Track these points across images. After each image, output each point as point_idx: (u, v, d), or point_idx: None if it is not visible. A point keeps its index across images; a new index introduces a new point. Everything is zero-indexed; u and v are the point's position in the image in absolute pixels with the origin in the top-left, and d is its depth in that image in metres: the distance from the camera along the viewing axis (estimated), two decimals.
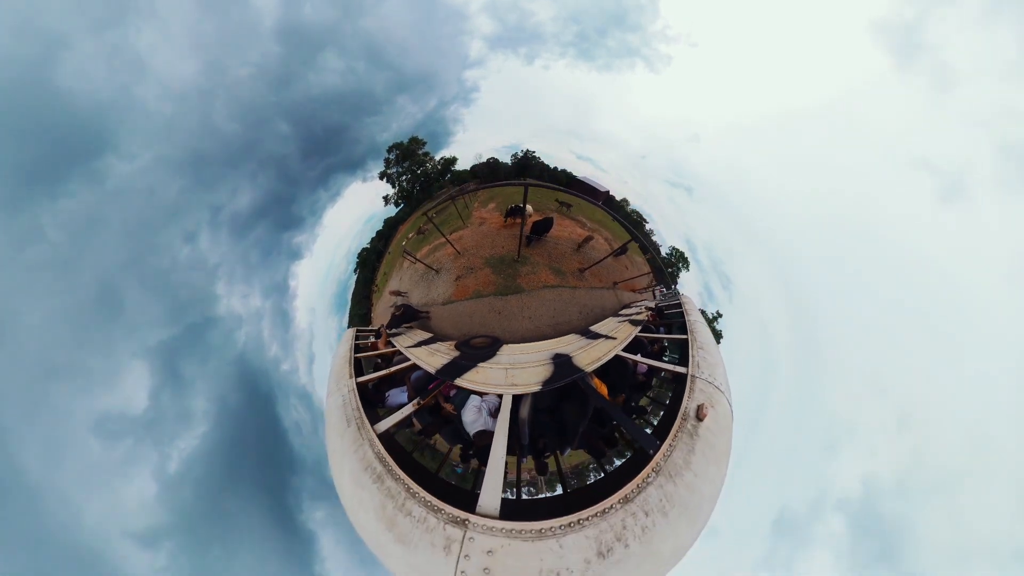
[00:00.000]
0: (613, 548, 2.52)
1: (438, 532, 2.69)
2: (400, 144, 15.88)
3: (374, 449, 3.80)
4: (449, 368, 5.62)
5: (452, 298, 8.08)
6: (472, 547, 2.51)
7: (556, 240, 9.59)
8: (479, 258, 8.62)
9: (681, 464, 3.00)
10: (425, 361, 5.96)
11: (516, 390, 4.56)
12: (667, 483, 2.87)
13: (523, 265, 8.40)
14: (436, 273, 8.93)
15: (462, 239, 9.34)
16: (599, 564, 2.45)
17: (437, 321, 8.05)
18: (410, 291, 9.96)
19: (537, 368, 5.29)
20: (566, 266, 9.04)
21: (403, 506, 3.03)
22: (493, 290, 7.75)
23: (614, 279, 10.97)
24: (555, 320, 7.29)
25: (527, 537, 2.51)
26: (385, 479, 3.37)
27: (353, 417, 4.44)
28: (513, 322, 7.09)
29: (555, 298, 7.86)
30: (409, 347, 6.85)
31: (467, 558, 2.49)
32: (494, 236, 9.60)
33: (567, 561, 2.45)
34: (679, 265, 18.89)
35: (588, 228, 12.19)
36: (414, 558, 2.73)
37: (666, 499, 2.79)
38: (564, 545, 2.49)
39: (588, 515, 2.63)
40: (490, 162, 17.98)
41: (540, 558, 2.44)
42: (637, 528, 2.62)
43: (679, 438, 3.18)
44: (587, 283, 9.03)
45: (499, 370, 5.38)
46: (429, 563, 2.64)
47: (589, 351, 5.74)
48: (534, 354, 6.04)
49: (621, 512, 2.66)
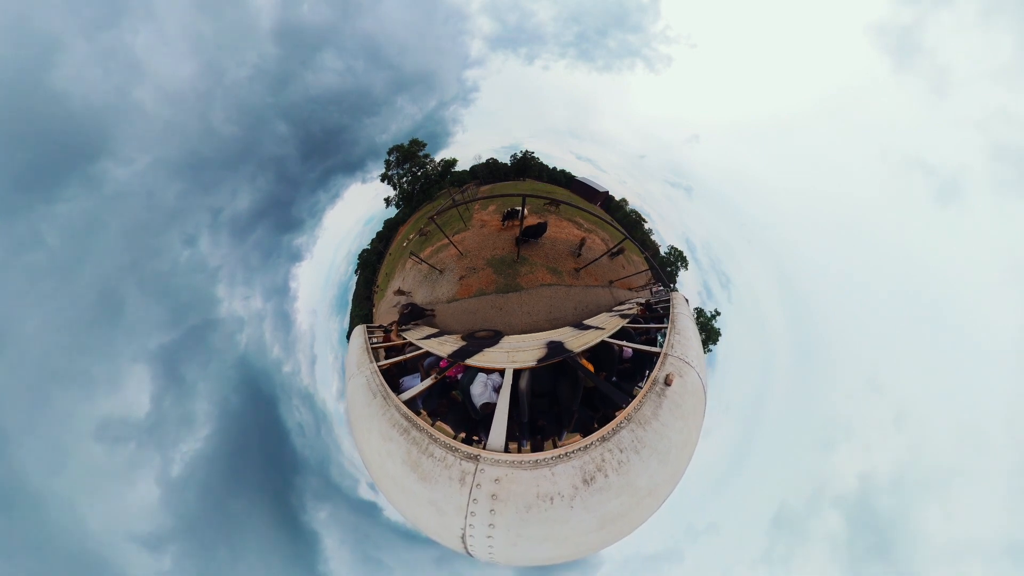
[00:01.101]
0: (595, 477, 3.09)
1: (455, 467, 3.26)
2: (400, 146, 16.18)
3: (400, 411, 4.31)
4: (459, 352, 6.20)
5: (456, 296, 8.53)
6: (483, 477, 3.09)
7: (553, 241, 9.98)
8: (481, 259, 9.02)
9: (649, 415, 3.61)
10: (437, 349, 6.52)
11: (516, 365, 5.13)
12: (637, 428, 3.47)
13: (522, 265, 8.81)
14: (440, 273, 9.33)
15: (464, 241, 9.72)
16: (585, 490, 3.01)
17: (442, 318, 8.52)
18: (414, 290, 10.32)
19: (534, 351, 5.94)
20: (563, 266, 9.44)
21: (427, 449, 3.59)
22: (494, 289, 8.20)
23: (610, 278, 11.35)
24: (551, 315, 7.76)
25: (526, 467, 3.08)
26: (411, 431, 3.94)
27: (378, 391, 4.92)
28: (513, 317, 7.60)
29: (552, 295, 8.31)
30: (420, 339, 7.36)
31: (479, 486, 3.05)
32: (495, 238, 9.98)
33: (559, 486, 3.00)
34: (678, 264, 19.18)
35: (584, 229, 12.54)
36: (435, 493, 3.26)
37: (637, 441, 3.38)
38: (556, 473, 3.04)
39: (574, 449, 3.22)
40: (489, 163, 18.31)
41: (537, 484, 2.99)
42: (614, 462, 3.19)
43: (648, 397, 3.80)
44: (582, 282, 9.44)
45: (501, 352, 6.11)
46: (447, 494, 3.17)
47: (580, 338, 6.41)
48: (531, 341, 6.70)
49: (600, 448, 3.24)
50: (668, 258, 18.52)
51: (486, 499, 2.99)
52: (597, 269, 10.61)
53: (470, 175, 17.24)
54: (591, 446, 3.22)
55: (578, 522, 2.98)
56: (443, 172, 15.92)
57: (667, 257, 18.38)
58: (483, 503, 2.99)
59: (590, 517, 3.00)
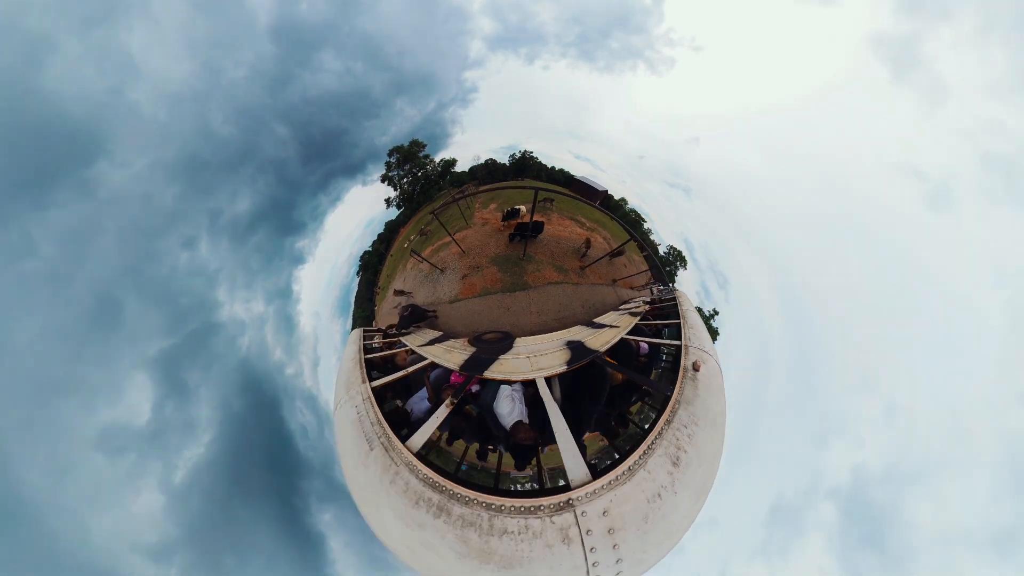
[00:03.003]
0: (679, 456, 3.16)
1: (549, 530, 2.58)
2: (401, 147, 15.83)
3: (418, 475, 3.03)
4: (472, 363, 5.35)
5: (459, 296, 8.03)
6: (588, 520, 2.62)
7: (557, 240, 9.67)
8: (485, 257, 8.61)
9: (691, 396, 3.87)
10: (443, 358, 5.63)
11: (544, 373, 4.51)
12: (688, 407, 3.71)
13: (528, 263, 8.42)
14: (441, 272, 8.89)
15: (466, 239, 9.34)
16: (677, 471, 3.04)
17: (445, 319, 8.00)
18: (414, 291, 9.94)
19: (556, 353, 5.34)
20: (568, 264, 9.11)
21: (492, 528, 2.66)
22: (500, 287, 7.75)
23: (613, 277, 11.07)
24: (560, 314, 7.36)
25: (624, 480, 2.84)
26: (452, 508, 2.78)
27: (375, 436, 3.63)
28: (522, 317, 7.13)
29: (559, 294, 7.92)
30: (422, 346, 6.60)
31: (589, 533, 2.59)
32: (497, 236, 9.61)
33: (659, 480, 2.93)
34: (677, 264, 19.00)
35: (587, 228, 12.25)
36: (536, 571, 2.57)
37: (691, 416, 3.60)
38: (651, 469, 2.96)
39: (651, 440, 3.18)
40: (488, 163, 18.00)
41: (641, 489, 2.82)
42: (684, 437, 3.34)
43: (685, 382, 4.07)
44: (588, 280, 9.11)
45: (522, 359, 5.32)
46: (555, 564, 2.53)
47: (597, 337, 5.97)
48: (548, 343, 6.09)
49: (670, 430, 3.35)
50: (667, 258, 18.36)
51: (604, 537, 2.57)
52: (600, 268, 10.32)
53: (469, 176, 16.92)
54: (665, 430, 3.29)
55: (684, 504, 3.01)
56: (443, 172, 15.59)
57: (666, 257, 18.21)
58: (603, 544, 2.57)
59: (689, 494, 3.06)
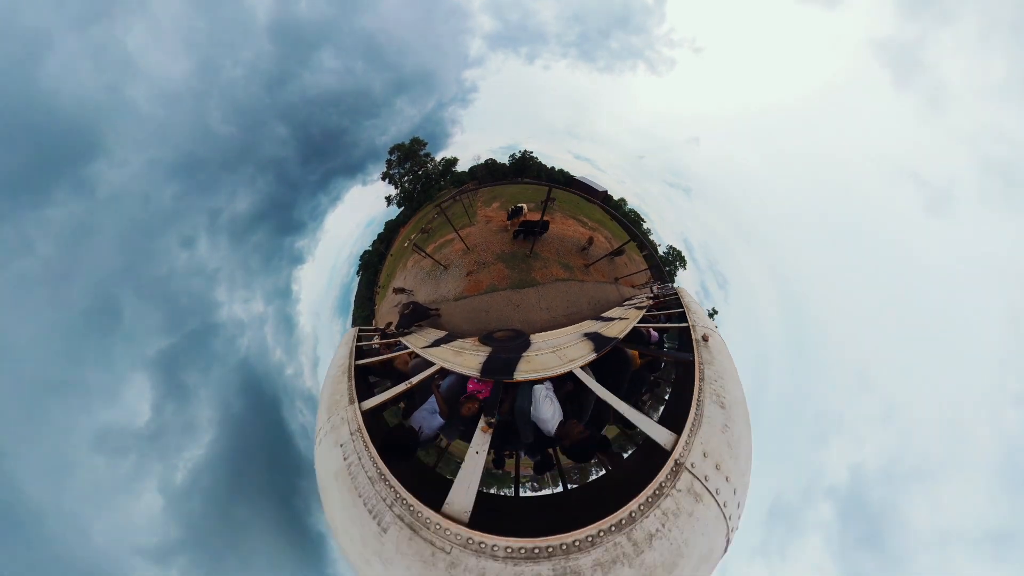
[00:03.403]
0: (723, 400, 3.45)
1: (681, 500, 2.45)
2: (402, 145, 15.65)
3: (496, 551, 1.95)
4: (495, 365, 4.70)
5: (464, 293, 7.77)
6: (699, 468, 2.70)
7: (561, 238, 9.53)
8: (490, 253, 8.42)
9: (708, 359, 4.26)
10: (454, 362, 4.86)
11: (576, 364, 4.27)
12: (710, 366, 4.07)
13: (535, 260, 8.25)
14: (444, 269, 8.67)
15: (470, 236, 9.16)
16: (726, 411, 3.34)
17: (449, 317, 7.73)
18: (415, 289, 9.74)
19: (579, 344, 5.09)
20: (573, 261, 8.97)
21: (635, 540, 2.18)
22: (508, 284, 7.53)
23: (615, 275, 10.96)
24: (569, 310, 7.19)
25: (698, 424, 3.08)
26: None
27: (384, 505, 2.29)
28: (532, 314, 6.91)
29: (567, 290, 7.75)
30: (425, 347, 5.86)
31: (707, 479, 2.65)
32: (502, 234, 9.45)
33: (718, 418, 3.21)
34: (676, 264, 18.93)
35: (588, 227, 12.14)
36: (695, 549, 2.31)
37: (716, 373, 3.97)
38: (709, 413, 3.24)
39: (698, 393, 3.44)
40: (488, 163, 17.84)
41: (714, 426, 3.08)
42: (719, 388, 3.65)
43: (699, 350, 4.46)
44: (593, 278, 8.98)
45: (548, 354, 4.92)
46: (704, 530, 2.38)
47: (611, 327, 5.83)
48: (565, 336, 5.82)
49: (706, 384, 3.66)
50: (667, 257, 18.29)
51: (716, 474, 2.74)
52: (602, 267, 10.21)
53: (469, 175, 16.77)
54: (702, 385, 3.61)
55: (743, 432, 3.29)
56: (444, 171, 15.41)
57: (665, 256, 18.14)
58: (718, 481, 2.73)
59: (742, 425, 3.38)
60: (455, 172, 16.00)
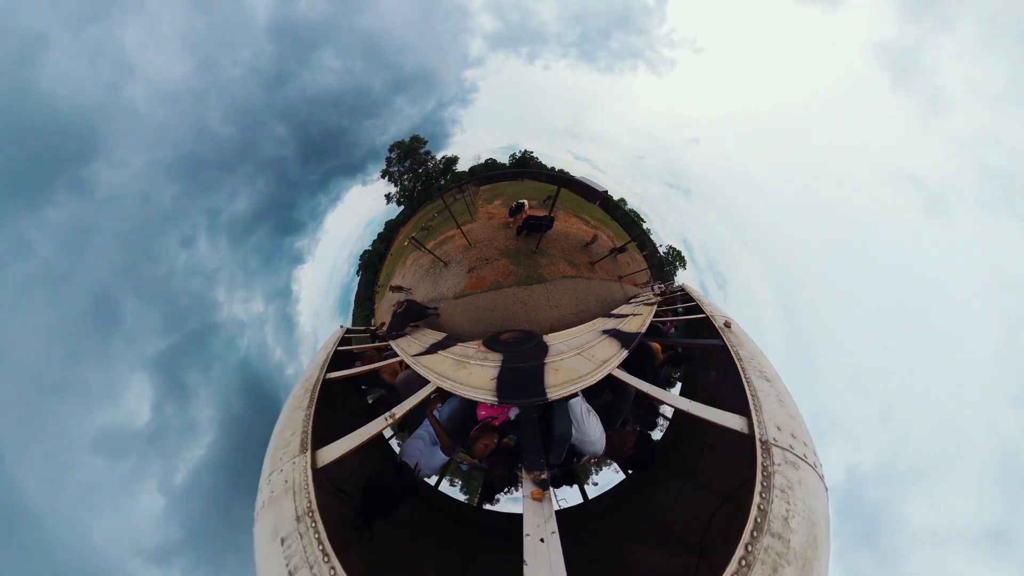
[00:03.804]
0: (766, 375, 3.40)
1: (787, 472, 2.39)
2: (401, 143, 15.34)
3: None
4: (515, 381, 3.67)
5: (466, 291, 7.23)
6: (779, 439, 2.72)
7: (566, 235, 9.19)
8: (494, 249, 8.01)
9: (737, 342, 4.19)
10: (454, 379, 3.69)
11: (613, 364, 3.70)
12: (741, 348, 3.99)
13: (542, 256, 7.87)
14: (444, 266, 8.23)
15: (472, 232, 8.78)
16: (772, 384, 3.32)
17: (449, 317, 7.19)
18: (414, 287, 9.37)
19: (605, 342, 4.54)
20: (579, 259, 8.62)
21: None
22: (514, 280, 7.02)
23: (618, 273, 10.67)
24: (577, 308, 6.76)
25: (757, 400, 3.03)
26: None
27: None
28: (540, 312, 6.44)
29: (575, 287, 7.33)
30: (418, 355, 4.85)
31: (791, 447, 2.65)
32: (504, 230, 9.09)
33: (767, 391, 3.17)
34: (676, 264, 18.73)
35: (591, 225, 11.87)
36: (806, 505, 2.27)
37: (750, 353, 3.88)
38: (758, 386, 3.21)
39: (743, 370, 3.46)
40: (488, 163, 17.57)
41: (769, 399, 3.07)
42: (757, 364, 3.57)
43: (726, 335, 4.40)
44: (598, 275, 8.63)
45: (574, 357, 4.17)
46: (807, 496, 2.30)
47: (629, 323, 5.42)
48: (583, 335, 5.25)
49: (744, 363, 3.58)
50: (666, 258, 18.15)
51: (791, 440, 2.70)
52: (605, 265, 9.91)
53: (469, 175, 16.51)
54: (743, 366, 3.53)
55: (792, 400, 3.23)
56: (444, 169, 15.12)
57: (665, 257, 17.96)
58: (790, 442, 2.71)
59: (790, 395, 3.33)
60: (455, 172, 15.73)
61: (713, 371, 5.21)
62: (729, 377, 3.69)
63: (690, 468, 4.40)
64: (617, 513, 4.84)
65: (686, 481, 4.30)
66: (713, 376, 5.19)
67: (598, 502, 5.22)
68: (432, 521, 4.92)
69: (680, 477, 4.42)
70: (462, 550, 4.55)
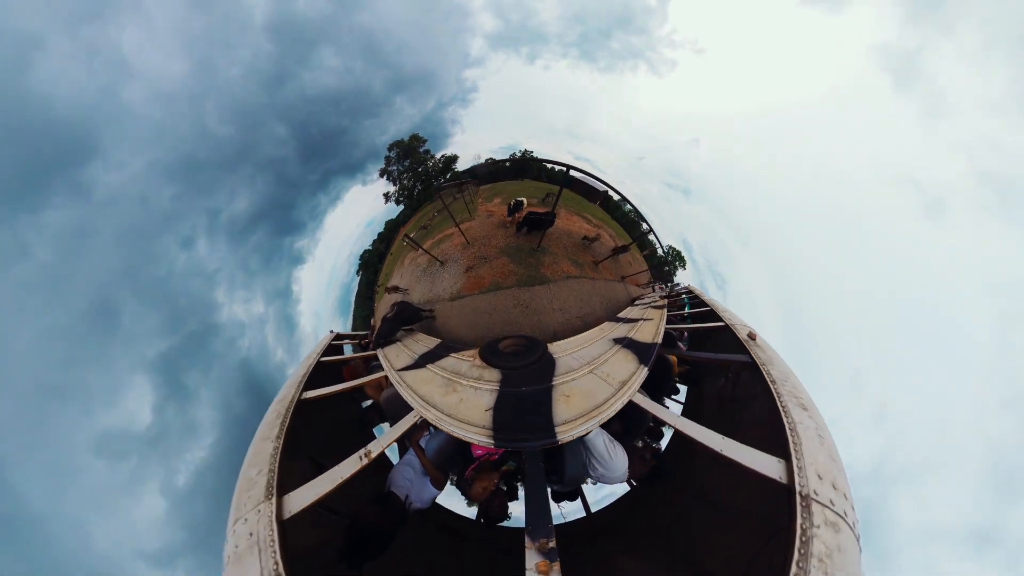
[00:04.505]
0: (803, 404, 2.97)
1: (823, 536, 2.06)
2: (401, 142, 14.89)
3: None
4: (511, 417, 2.92)
5: (463, 292, 6.60)
6: (815, 487, 2.32)
7: (569, 233, 8.69)
8: (492, 247, 7.47)
9: (766, 359, 3.82)
10: (439, 408, 3.08)
11: (633, 388, 3.12)
12: (770, 367, 3.58)
13: (544, 255, 7.32)
14: (441, 265, 7.68)
15: (470, 230, 8.27)
16: (808, 413, 2.89)
17: (444, 320, 6.58)
18: (410, 288, 8.86)
19: (619, 356, 3.93)
20: (582, 258, 8.11)
21: None
22: (515, 281, 6.40)
23: (620, 273, 10.22)
24: (583, 311, 6.19)
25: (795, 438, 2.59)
26: None
27: None
28: (544, 316, 5.76)
29: (579, 288, 6.76)
30: (404, 369, 4.18)
31: (833, 503, 2.27)
32: (504, 228, 8.58)
33: (808, 425, 2.77)
34: (675, 264, 18.34)
35: (593, 224, 11.43)
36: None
37: (782, 374, 3.43)
38: (797, 419, 2.81)
39: (778, 397, 2.98)
40: (488, 162, 17.12)
41: (810, 439, 2.61)
42: (791, 388, 3.16)
43: (752, 349, 4.00)
44: (602, 276, 8.12)
45: (586, 376, 3.53)
46: (843, 561, 2.00)
47: (641, 329, 4.87)
48: (593, 345, 4.54)
49: (778, 388, 3.13)
50: (666, 258, 17.83)
51: (828, 489, 2.29)
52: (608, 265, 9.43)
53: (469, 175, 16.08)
54: (778, 392, 3.08)
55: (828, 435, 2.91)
56: (444, 168, 14.65)
57: (665, 257, 17.62)
58: (828, 492, 2.30)
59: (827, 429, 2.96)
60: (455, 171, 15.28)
61: (723, 378, 4.69)
62: (757, 400, 3.20)
63: (698, 483, 3.98)
64: (623, 530, 4.41)
65: (696, 497, 3.90)
66: (723, 384, 4.65)
67: (602, 516, 4.79)
68: (427, 536, 4.46)
69: (687, 491, 4.04)
70: (460, 570, 4.12)
